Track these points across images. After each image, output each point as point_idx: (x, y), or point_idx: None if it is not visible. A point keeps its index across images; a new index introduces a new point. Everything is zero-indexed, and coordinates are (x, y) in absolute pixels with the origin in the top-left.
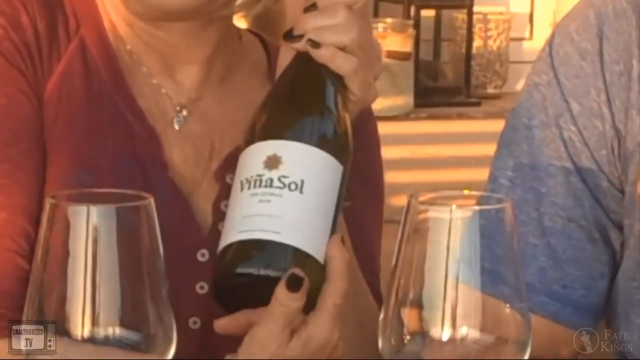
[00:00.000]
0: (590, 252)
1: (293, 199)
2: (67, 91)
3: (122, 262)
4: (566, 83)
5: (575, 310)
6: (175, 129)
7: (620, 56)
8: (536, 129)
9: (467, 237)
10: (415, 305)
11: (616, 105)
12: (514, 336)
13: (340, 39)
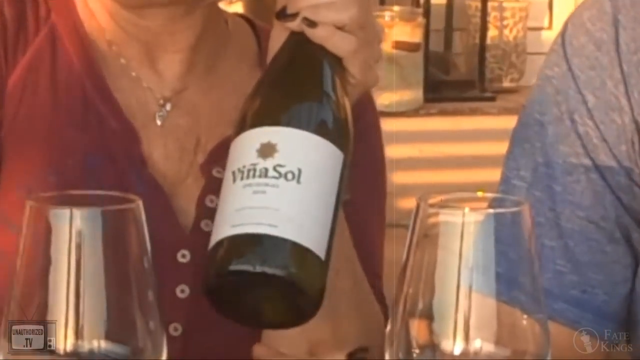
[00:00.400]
0: (611, 254)
1: (290, 189)
2: (33, 84)
3: (107, 270)
4: (581, 75)
5: (596, 317)
6: (158, 124)
7: (638, 46)
8: (550, 125)
9: (480, 242)
10: (425, 316)
11: (635, 97)
12: (532, 349)
13: (338, 17)
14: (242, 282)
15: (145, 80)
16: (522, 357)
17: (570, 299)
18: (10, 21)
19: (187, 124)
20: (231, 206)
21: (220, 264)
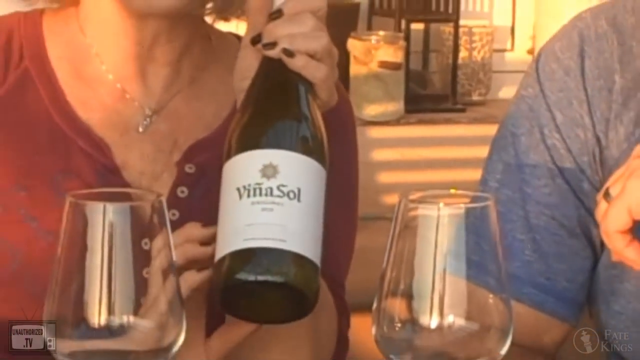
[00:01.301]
0: (572, 247)
1: (293, 207)
2: (2, 119)
3: (135, 255)
4: (551, 96)
5: (558, 300)
6: (140, 130)
7: (600, 73)
8: (523, 137)
9: (454, 233)
10: (406, 295)
11: (597, 116)
12: (497, 324)
13: (312, 47)
14: (254, 288)
15: (130, 92)
16: (489, 331)
17: (536, 284)
18: None
19: (167, 128)
20: (241, 221)
21: (234, 274)
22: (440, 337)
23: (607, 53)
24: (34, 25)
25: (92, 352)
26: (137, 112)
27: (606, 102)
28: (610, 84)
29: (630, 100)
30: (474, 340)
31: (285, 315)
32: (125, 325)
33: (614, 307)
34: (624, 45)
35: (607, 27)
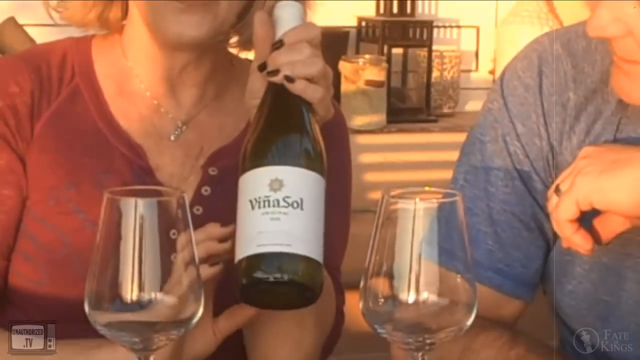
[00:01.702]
0: (527, 238)
1: (297, 215)
2: (56, 127)
3: (162, 243)
4: (513, 109)
5: (514, 283)
6: (171, 139)
7: (556, 90)
8: (488, 144)
9: (428, 224)
10: (388, 276)
11: (552, 127)
12: (464, 300)
13: (309, 72)
14: (267, 285)
15: (164, 107)
16: (457, 306)
17: (496, 269)
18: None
19: (194, 137)
20: (254, 229)
21: (253, 273)
22: (416, 311)
23: (561, 73)
24: (84, 48)
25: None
26: (169, 123)
27: (560, 116)
28: (565, 100)
29: (581, 114)
30: (445, 313)
31: (295, 304)
32: (153, 301)
33: (567, 287)
34: (576, 66)
35: (561, 50)
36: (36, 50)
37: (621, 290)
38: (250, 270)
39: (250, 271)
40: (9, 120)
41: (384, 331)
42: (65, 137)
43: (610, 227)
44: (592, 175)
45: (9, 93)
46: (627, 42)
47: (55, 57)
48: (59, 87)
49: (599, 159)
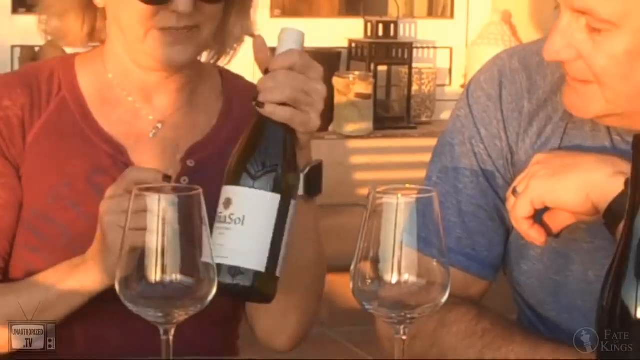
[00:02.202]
0: (491, 227)
1: (237, 230)
2: (48, 134)
3: (181, 233)
4: (477, 115)
5: (480, 265)
6: (150, 137)
7: (513, 99)
8: (457, 146)
9: (408, 216)
10: (374, 260)
11: (510, 131)
12: (439, 281)
13: (275, 98)
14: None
15: (144, 110)
16: (433, 286)
17: (464, 254)
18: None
19: (170, 135)
20: (215, 241)
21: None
22: (398, 290)
23: (518, 84)
24: (69, 65)
25: (150, 300)
26: (148, 124)
27: (517, 121)
28: (520, 107)
29: (534, 120)
30: (422, 292)
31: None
32: (174, 282)
33: (523, 267)
34: (530, 79)
35: (518, 65)
36: (28, 69)
37: (568, 270)
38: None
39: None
40: (2, 130)
41: (371, 307)
42: (56, 142)
43: (559, 221)
44: (544, 178)
45: (2, 107)
46: (577, 64)
47: (44, 74)
48: (48, 100)
49: (549, 165)
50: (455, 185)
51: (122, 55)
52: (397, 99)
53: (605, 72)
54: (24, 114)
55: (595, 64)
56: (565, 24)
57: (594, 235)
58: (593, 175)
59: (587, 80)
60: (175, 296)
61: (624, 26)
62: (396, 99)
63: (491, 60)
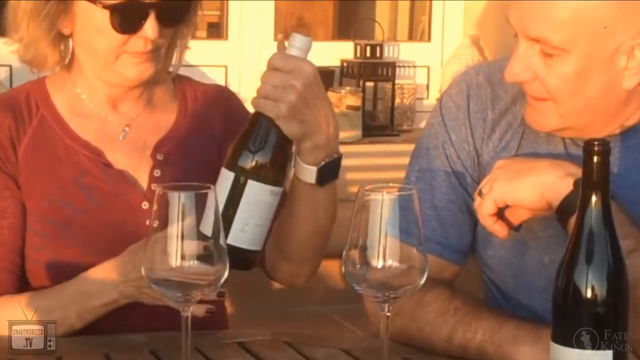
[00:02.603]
0: (461, 219)
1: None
2: (35, 149)
3: (197, 224)
4: (448, 123)
5: (452, 251)
6: (120, 139)
7: (479, 108)
8: (431, 150)
9: (391, 210)
10: (362, 248)
11: (476, 136)
12: (418, 265)
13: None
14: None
15: (111, 117)
16: (412, 269)
17: (439, 242)
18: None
19: (138, 135)
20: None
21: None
22: (383, 273)
23: (483, 97)
24: (41, 86)
25: (171, 282)
26: (116, 128)
27: (482, 128)
28: (485, 116)
29: (496, 127)
30: (404, 275)
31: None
32: (192, 267)
33: (489, 253)
34: (494, 92)
35: (483, 80)
36: (7, 95)
37: (526, 255)
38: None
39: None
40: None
41: (360, 288)
42: (43, 154)
43: (518, 216)
44: (504, 181)
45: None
46: (534, 84)
47: (22, 97)
48: (29, 119)
49: (508, 169)
50: (431, 184)
51: (89, 74)
52: (382, 110)
53: (557, 91)
54: (11, 133)
55: (549, 84)
56: (522, 50)
57: (548, 226)
58: (546, 178)
59: (543, 98)
60: (192, 280)
61: (573, 51)
62: (381, 110)
63: (460, 75)
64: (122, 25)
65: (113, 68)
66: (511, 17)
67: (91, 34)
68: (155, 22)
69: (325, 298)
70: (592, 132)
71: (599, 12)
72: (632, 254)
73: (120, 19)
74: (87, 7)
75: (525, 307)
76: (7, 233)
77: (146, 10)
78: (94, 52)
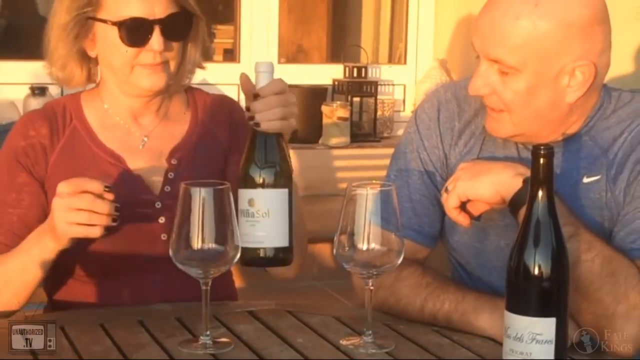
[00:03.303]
0: (432, 210)
1: (265, 221)
2: (66, 155)
3: (215, 215)
4: (422, 132)
5: (424, 237)
6: (140, 148)
7: (447, 120)
8: (408, 153)
9: (374, 202)
10: (350, 233)
11: (445, 142)
12: (396, 248)
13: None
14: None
15: (133, 128)
16: (392, 251)
17: (413, 229)
18: (46, 133)
19: (155, 145)
20: (242, 230)
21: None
22: (367, 254)
23: (451, 110)
24: (76, 101)
25: (193, 261)
26: (137, 139)
27: (450, 136)
28: (452, 126)
29: (461, 135)
30: (384, 256)
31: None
32: (210, 249)
33: (455, 238)
34: (459, 106)
35: (450, 96)
36: (47, 106)
37: (486, 240)
38: (244, 253)
39: (244, 254)
40: (29, 153)
41: (348, 266)
42: (72, 159)
43: (478, 208)
44: (466, 180)
45: (28, 136)
46: (493, 97)
47: (59, 109)
48: (63, 129)
49: (469, 170)
50: (407, 181)
51: (114, 90)
52: (367, 120)
53: (511, 103)
54: (46, 141)
55: (505, 97)
56: (483, 69)
57: (503, 216)
58: (500, 177)
59: (500, 110)
60: (211, 258)
61: (524, 70)
62: (366, 121)
63: (431, 92)
64: (130, 39)
65: (129, 80)
66: (475, 42)
67: (108, 51)
68: (160, 36)
69: (319, 275)
70: (540, 138)
71: (547, 39)
72: (571, 238)
73: (128, 34)
74: (102, 27)
75: (485, 282)
76: (16, 220)
77: (151, 26)
78: (113, 67)
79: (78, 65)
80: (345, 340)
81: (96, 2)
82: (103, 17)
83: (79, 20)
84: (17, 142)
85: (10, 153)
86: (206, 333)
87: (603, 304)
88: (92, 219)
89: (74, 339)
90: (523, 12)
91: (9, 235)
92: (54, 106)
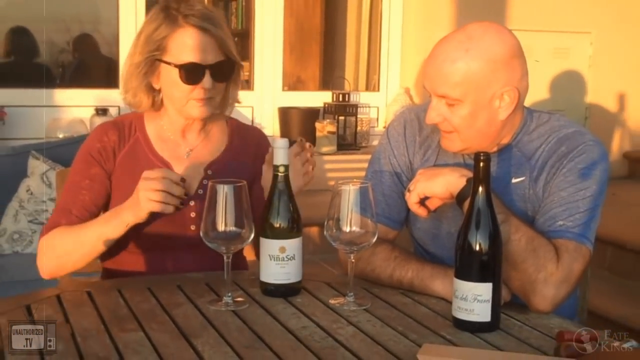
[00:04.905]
0: (400, 203)
1: (291, 263)
2: (128, 159)
3: (235, 203)
4: (392, 143)
5: (394, 222)
6: (185, 158)
7: (411, 135)
8: (381, 159)
9: (354, 196)
10: (337, 219)
11: (409, 152)
12: (371, 230)
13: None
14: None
15: (181, 142)
16: (368, 233)
17: (385, 217)
18: (115, 140)
19: (197, 156)
20: (270, 270)
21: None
22: (350, 235)
23: (414, 127)
24: (140, 118)
25: (219, 240)
26: (184, 150)
27: (413, 147)
28: (415, 140)
29: (422, 147)
30: (362, 237)
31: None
32: (231, 232)
33: (417, 225)
34: (420, 124)
35: (414, 117)
36: (118, 119)
37: (441, 226)
38: (265, 287)
39: (266, 287)
40: (102, 152)
41: (335, 244)
42: (132, 163)
43: (433, 203)
44: (424, 181)
45: (103, 140)
46: (444, 123)
47: (127, 122)
48: (128, 138)
49: (426, 174)
50: (381, 180)
51: (171, 112)
52: (350, 134)
53: (459, 126)
54: (114, 145)
55: (453, 122)
56: (434, 103)
57: (453, 209)
58: (449, 178)
59: (450, 131)
60: (231, 238)
61: (465, 100)
62: (349, 134)
63: (399, 113)
64: (187, 78)
65: (184, 110)
66: (425, 83)
67: (170, 86)
68: (210, 78)
69: (313, 250)
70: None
71: (479, 75)
72: (504, 223)
73: (186, 74)
74: (167, 67)
75: (438, 257)
76: (87, 200)
77: (204, 70)
78: (172, 98)
79: (145, 95)
80: (333, 300)
81: (163, 48)
82: (167, 60)
83: (148, 60)
84: (94, 143)
85: (87, 151)
86: (228, 294)
87: (527, 273)
88: (167, 199)
89: (129, 299)
90: (458, 57)
91: (81, 211)
92: (123, 119)
